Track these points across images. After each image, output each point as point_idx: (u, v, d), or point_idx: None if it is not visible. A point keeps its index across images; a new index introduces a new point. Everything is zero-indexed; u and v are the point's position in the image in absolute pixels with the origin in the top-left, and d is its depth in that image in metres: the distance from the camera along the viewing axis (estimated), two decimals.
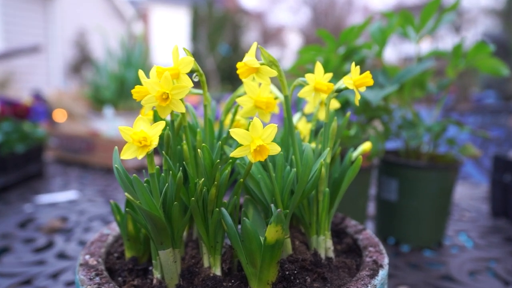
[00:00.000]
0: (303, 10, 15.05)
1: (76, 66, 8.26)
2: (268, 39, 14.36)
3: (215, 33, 10.67)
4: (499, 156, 1.07)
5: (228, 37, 11.17)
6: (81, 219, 1.03)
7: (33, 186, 1.38)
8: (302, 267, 0.43)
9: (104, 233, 0.52)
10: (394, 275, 0.73)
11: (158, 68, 0.41)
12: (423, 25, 0.86)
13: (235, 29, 11.52)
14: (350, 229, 0.54)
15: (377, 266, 0.43)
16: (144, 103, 0.41)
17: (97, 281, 0.40)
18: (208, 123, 0.48)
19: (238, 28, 11.64)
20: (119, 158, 0.42)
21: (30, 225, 1.00)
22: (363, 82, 0.44)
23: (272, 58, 0.44)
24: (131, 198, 0.37)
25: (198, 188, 0.41)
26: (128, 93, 2.59)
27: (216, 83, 9.80)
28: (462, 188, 1.38)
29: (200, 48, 10.50)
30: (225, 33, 10.89)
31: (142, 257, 0.48)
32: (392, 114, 0.85)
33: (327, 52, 0.85)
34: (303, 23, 15.15)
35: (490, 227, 1.00)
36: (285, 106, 0.46)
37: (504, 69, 0.83)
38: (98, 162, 1.68)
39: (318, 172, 0.42)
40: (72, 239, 0.91)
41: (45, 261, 0.80)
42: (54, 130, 1.88)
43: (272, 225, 0.37)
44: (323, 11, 14.19)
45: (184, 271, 0.44)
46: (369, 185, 0.89)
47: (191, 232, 0.52)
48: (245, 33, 11.93)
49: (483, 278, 0.73)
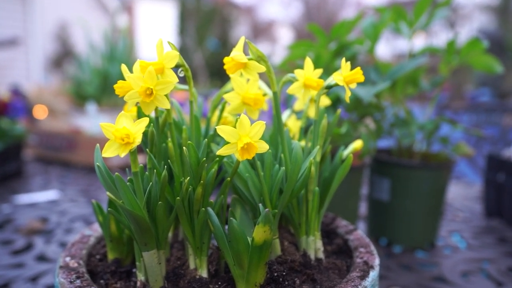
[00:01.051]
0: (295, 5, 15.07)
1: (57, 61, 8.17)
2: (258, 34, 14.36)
3: (203, 27, 10.64)
4: (493, 155, 1.08)
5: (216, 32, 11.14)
6: (62, 220, 1.03)
7: (11, 186, 1.37)
8: (291, 268, 0.44)
9: (86, 234, 0.52)
10: (385, 276, 0.74)
11: (141, 63, 0.41)
12: (416, 21, 0.87)
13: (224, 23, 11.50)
14: (341, 230, 0.55)
15: (367, 267, 0.43)
16: (127, 98, 0.40)
17: (78, 284, 0.39)
18: (194, 120, 0.47)
19: (227, 22, 11.62)
20: (101, 156, 0.41)
21: (8, 226, 0.99)
22: (353, 78, 0.44)
23: (261, 53, 0.44)
24: (113, 197, 0.37)
25: (184, 187, 0.41)
26: (112, 88, 2.56)
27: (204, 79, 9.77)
28: (455, 188, 1.40)
29: (188, 43, 10.46)
30: (213, 27, 10.86)
31: (125, 259, 0.48)
32: (384, 112, 0.86)
33: (318, 48, 0.86)
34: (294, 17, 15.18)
35: (483, 227, 1.02)
36: (274, 103, 0.46)
37: (498, 66, 0.84)
38: (80, 161, 1.67)
39: (308, 171, 0.43)
40: (53, 241, 0.90)
41: (24, 263, 0.79)
42: (33, 127, 1.86)
43: (260, 225, 0.37)
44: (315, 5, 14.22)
45: (169, 273, 0.43)
46: (361, 185, 0.90)
47: (176, 233, 0.52)
48: (234, 28, 11.91)
49: (476, 279, 0.74)
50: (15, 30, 7.08)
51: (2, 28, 6.90)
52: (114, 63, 2.73)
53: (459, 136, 1.97)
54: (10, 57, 6.94)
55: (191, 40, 10.58)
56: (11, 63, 7.02)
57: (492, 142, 1.76)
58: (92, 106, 2.02)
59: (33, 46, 7.46)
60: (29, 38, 7.37)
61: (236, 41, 1.95)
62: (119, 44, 2.91)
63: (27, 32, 7.33)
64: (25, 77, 7.15)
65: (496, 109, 1.97)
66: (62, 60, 8.10)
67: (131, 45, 3.10)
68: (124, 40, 2.95)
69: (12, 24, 7.10)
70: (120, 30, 3.35)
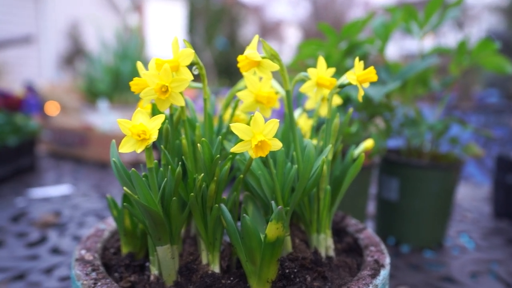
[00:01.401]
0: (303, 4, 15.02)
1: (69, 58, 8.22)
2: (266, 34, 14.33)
3: (212, 26, 10.64)
4: (502, 156, 1.07)
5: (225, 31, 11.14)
6: (74, 214, 1.03)
7: (25, 180, 1.38)
8: (302, 265, 0.44)
9: (100, 228, 0.52)
10: (393, 276, 0.74)
11: (157, 60, 0.41)
12: (427, 21, 0.86)
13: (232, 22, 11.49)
14: (351, 228, 0.55)
15: (378, 266, 0.43)
16: (143, 95, 0.41)
17: (94, 276, 0.40)
18: (207, 117, 0.48)
19: (235, 21, 11.61)
20: (116, 152, 0.42)
21: (23, 219, 1.00)
22: (366, 77, 0.44)
23: (274, 51, 0.44)
24: (130, 192, 0.38)
25: (197, 183, 0.41)
26: (123, 86, 2.58)
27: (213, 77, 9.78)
28: (464, 189, 1.39)
29: (197, 41, 10.47)
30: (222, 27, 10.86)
31: (139, 253, 0.48)
32: (394, 112, 0.86)
33: (328, 47, 0.85)
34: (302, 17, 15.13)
35: (492, 228, 1.01)
36: (287, 101, 0.46)
37: (509, 66, 0.84)
38: (92, 157, 1.68)
39: (320, 169, 0.42)
40: (66, 234, 0.91)
41: (38, 255, 0.80)
42: (46, 123, 1.88)
43: (273, 222, 0.37)
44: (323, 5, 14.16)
45: (182, 267, 0.44)
46: (370, 184, 0.89)
47: (189, 228, 0.53)
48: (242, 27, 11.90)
49: (484, 280, 0.74)
50: (28, 28, 7.14)
51: (15, 26, 6.95)
52: (126, 61, 2.75)
53: (467, 137, 1.96)
54: (23, 55, 6.99)
55: (200, 39, 10.59)
56: (24, 60, 7.07)
57: (501, 143, 1.74)
58: (104, 103, 2.03)
59: (45, 44, 7.51)
60: (42, 36, 7.42)
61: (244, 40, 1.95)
62: (130, 43, 2.92)
63: (39, 30, 7.38)
64: (37, 74, 7.20)
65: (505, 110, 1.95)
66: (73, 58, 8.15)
67: (142, 43, 3.11)
68: (135, 38, 2.96)
69: (25, 22, 7.15)
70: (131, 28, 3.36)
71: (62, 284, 0.69)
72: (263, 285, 0.40)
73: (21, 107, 1.47)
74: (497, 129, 1.81)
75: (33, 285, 0.69)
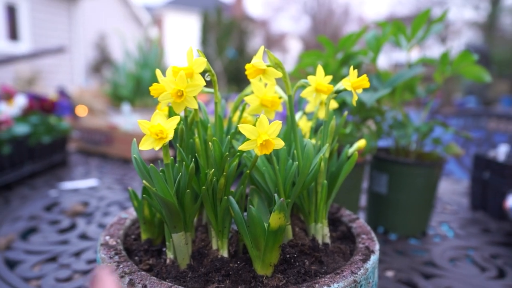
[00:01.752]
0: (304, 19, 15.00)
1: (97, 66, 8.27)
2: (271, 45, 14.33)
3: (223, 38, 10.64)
4: (479, 155, 1.07)
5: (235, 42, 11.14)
6: (100, 204, 1.04)
7: (57, 174, 1.39)
8: (302, 251, 0.43)
9: (122, 217, 0.52)
10: (382, 261, 0.73)
11: (174, 68, 0.41)
12: (414, 35, 0.85)
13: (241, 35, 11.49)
14: (345, 218, 0.54)
15: (369, 252, 0.43)
16: (161, 99, 0.40)
17: (116, 259, 0.40)
18: (218, 119, 0.47)
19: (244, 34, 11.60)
20: (137, 149, 0.42)
21: (55, 208, 1.01)
22: (360, 84, 0.43)
23: (278, 60, 0.43)
24: (148, 185, 0.37)
25: (209, 178, 0.40)
26: (144, 91, 2.59)
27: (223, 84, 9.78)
28: (445, 184, 1.37)
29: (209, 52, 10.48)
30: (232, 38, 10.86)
31: (156, 239, 0.48)
32: (384, 115, 0.85)
33: (326, 57, 0.85)
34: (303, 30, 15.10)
35: (469, 219, 1.00)
36: (289, 105, 0.46)
37: (487, 76, 0.83)
38: (116, 154, 1.69)
39: (318, 165, 0.42)
40: (93, 222, 0.91)
41: (68, 241, 0.80)
42: (76, 123, 1.88)
43: (276, 213, 0.37)
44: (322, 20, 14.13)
45: (194, 252, 0.44)
46: (362, 179, 0.89)
47: (201, 217, 0.52)
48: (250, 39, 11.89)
49: (462, 265, 0.73)
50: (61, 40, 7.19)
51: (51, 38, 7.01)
52: (146, 69, 2.75)
53: (448, 138, 1.94)
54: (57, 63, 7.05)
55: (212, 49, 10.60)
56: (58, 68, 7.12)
57: (478, 144, 1.73)
58: (127, 106, 2.03)
59: (76, 54, 7.56)
60: (73, 47, 7.47)
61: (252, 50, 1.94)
62: (150, 53, 2.93)
63: (71, 42, 7.43)
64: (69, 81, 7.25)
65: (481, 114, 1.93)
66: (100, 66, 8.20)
67: (160, 53, 3.12)
68: (155, 49, 2.97)
69: (59, 35, 7.20)
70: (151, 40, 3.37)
71: (89, 266, 0.69)
72: (266, 268, 0.40)
73: (54, 109, 1.48)
74: (474, 132, 1.80)
75: (64, 267, 0.69)
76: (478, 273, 0.70)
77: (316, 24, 14.14)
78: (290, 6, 15.33)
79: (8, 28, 6.52)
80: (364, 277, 0.38)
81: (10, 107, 1.32)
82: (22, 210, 0.98)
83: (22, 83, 5.30)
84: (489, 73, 0.83)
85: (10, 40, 6.56)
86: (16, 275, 0.65)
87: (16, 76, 5.56)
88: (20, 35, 6.66)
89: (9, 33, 6.55)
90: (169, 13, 16.05)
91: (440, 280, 0.67)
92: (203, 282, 0.39)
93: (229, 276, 0.39)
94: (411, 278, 0.67)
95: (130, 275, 0.37)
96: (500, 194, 0.96)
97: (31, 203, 1.04)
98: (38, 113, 1.40)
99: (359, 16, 14.34)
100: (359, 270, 0.38)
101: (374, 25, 0.94)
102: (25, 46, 6.65)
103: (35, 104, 1.41)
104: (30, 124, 1.33)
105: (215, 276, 0.39)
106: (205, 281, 0.39)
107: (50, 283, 0.63)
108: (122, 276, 0.37)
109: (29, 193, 1.14)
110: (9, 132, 1.18)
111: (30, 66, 6.15)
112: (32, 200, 1.07)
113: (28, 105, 1.38)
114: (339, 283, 0.36)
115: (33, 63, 6.30)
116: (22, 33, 6.66)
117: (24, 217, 0.93)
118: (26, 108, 1.37)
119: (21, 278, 0.65)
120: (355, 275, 0.37)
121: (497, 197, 0.98)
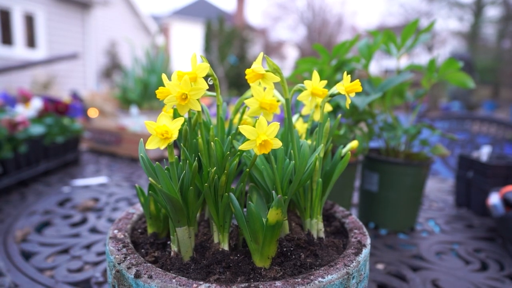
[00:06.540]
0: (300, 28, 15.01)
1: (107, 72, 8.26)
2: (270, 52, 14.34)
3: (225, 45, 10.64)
4: (463, 156, 1.06)
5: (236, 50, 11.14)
6: (110, 200, 1.03)
7: (70, 171, 1.38)
8: (298, 245, 0.43)
9: (130, 212, 0.52)
10: (373, 254, 0.73)
11: (178, 72, 0.40)
12: (404, 43, 0.85)
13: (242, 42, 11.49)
14: (338, 214, 0.54)
15: (361, 246, 0.42)
16: (166, 102, 0.40)
17: (124, 252, 0.39)
18: (220, 120, 0.47)
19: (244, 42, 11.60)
20: (144, 148, 0.41)
21: (68, 204, 1.00)
22: (353, 88, 0.43)
23: (276, 66, 0.43)
24: (154, 182, 0.37)
25: (211, 176, 0.40)
26: (151, 95, 2.58)
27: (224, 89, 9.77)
28: (432, 182, 1.37)
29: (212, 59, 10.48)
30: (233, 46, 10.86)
31: (161, 233, 0.48)
32: (376, 118, 0.85)
33: (321, 64, 0.85)
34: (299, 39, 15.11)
35: (454, 215, 1.00)
36: (286, 107, 0.46)
37: (470, 82, 0.82)
38: (125, 153, 1.68)
39: (313, 164, 0.42)
40: (102, 216, 0.91)
41: (80, 234, 0.79)
42: (88, 124, 1.88)
43: (273, 209, 0.37)
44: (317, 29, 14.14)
45: (197, 245, 0.43)
46: (355, 178, 0.88)
47: (203, 213, 0.52)
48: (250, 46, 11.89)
49: (447, 258, 0.73)
50: (75, 47, 7.19)
51: (66, 45, 7.01)
52: (153, 74, 2.75)
53: (435, 139, 1.94)
54: (71, 69, 7.04)
55: (214, 56, 10.60)
56: (72, 73, 7.12)
57: (462, 145, 1.72)
58: (135, 109, 2.03)
59: (88, 60, 7.56)
60: (86, 53, 7.47)
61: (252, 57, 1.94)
62: (157, 59, 2.92)
63: (84, 49, 7.43)
64: (82, 85, 7.25)
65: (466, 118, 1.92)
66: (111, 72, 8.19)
67: (167, 60, 3.11)
68: (161, 55, 2.96)
69: (73, 42, 7.20)
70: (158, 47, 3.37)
71: (99, 258, 0.69)
72: (264, 261, 0.39)
73: (68, 111, 1.47)
74: (459, 134, 1.79)
75: (76, 258, 0.68)
76: (462, 266, 0.69)
77: (312, 33, 14.15)
78: (287, 16, 15.35)
79: (26, 36, 6.52)
80: (356, 269, 0.38)
81: (27, 109, 1.32)
82: (37, 205, 0.98)
83: (38, 87, 5.30)
84: (473, 79, 0.83)
85: (28, 47, 6.56)
86: (31, 266, 0.65)
87: (33, 81, 5.55)
88: (37, 43, 6.66)
89: (27, 40, 6.55)
90: (175, 22, 16.05)
91: (427, 272, 0.66)
92: (205, 274, 0.38)
93: (229, 268, 0.39)
94: (400, 271, 0.66)
95: (136, 266, 0.36)
96: (483, 192, 0.96)
97: (45, 199, 1.04)
98: (53, 115, 1.39)
99: (351, 25, 14.35)
100: (351, 262, 0.38)
101: (366, 34, 0.94)
102: (42, 53, 6.65)
103: (50, 106, 1.41)
104: (45, 125, 1.33)
105: (216, 268, 0.39)
106: (207, 272, 0.39)
107: (62, 274, 0.62)
108: (129, 267, 0.36)
109: (44, 189, 1.13)
110: (25, 132, 1.18)
111: (46, 71, 6.15)
112: (47, 196, 1.07)
113: (43, 107, 1.38)
114: (332, 275, 0.36)
115: (49, 69, 6.30)
116: (39, 41, 6.66)
117: (39, 212, 0.92)
118: (41, 110, 1.37)
119: (35, 268, 0.64)
120: (348, 268, 0.37)
121: (480, 195, 0.97)
